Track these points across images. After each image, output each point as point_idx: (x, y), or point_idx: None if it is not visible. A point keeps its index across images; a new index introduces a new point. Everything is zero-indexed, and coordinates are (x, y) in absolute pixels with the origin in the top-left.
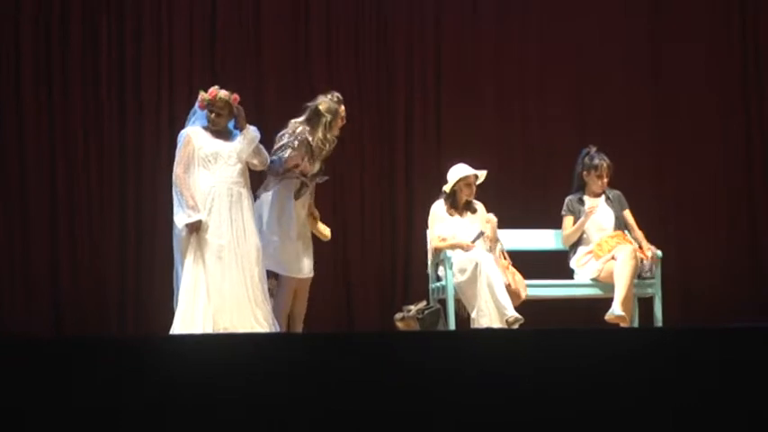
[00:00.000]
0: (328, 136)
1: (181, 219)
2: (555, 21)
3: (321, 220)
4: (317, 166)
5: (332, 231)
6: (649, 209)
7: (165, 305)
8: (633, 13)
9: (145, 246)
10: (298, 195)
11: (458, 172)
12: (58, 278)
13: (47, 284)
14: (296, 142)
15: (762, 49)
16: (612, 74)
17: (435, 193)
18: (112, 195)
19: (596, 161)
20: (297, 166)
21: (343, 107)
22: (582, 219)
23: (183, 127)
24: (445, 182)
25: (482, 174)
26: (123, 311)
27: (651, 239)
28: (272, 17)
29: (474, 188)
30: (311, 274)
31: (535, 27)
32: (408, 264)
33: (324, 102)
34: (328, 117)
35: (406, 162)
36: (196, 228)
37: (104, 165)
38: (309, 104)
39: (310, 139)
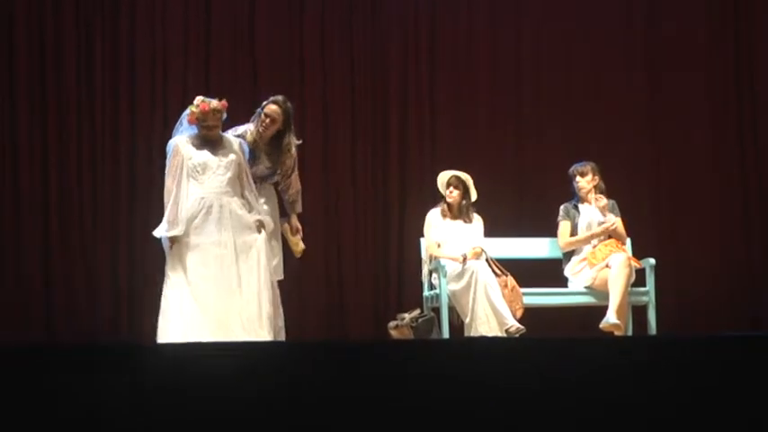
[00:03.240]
0: (254, 132)
1: (159, 230)
2: (552, 33)
3: (312, 229)
4: (261, 167)
5: (325, 240)
6: (645, 219)
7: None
8: (630, 28)
9: (137, 254)
10: None
11: (439, 177)
12: (52, 286)
13: (40, 293)
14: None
15: (756, 67)
16: (609, 84)
17: (429, 202)
18: (104, 204)
19: (572, 168)
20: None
21: (270, 106)
22: (586, 238)
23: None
24: (438, 190)
25: (465, 176)
26: (117, 318)
27: (647, 249)
28: (267, 25)
29: (455, 189)
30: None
31: (532, 38)
32: (402, 272)
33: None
34: (257, 113)
35: (400, 171)
36: (174, 241)
37: (97, 170)
38: None
39: (248, 136)
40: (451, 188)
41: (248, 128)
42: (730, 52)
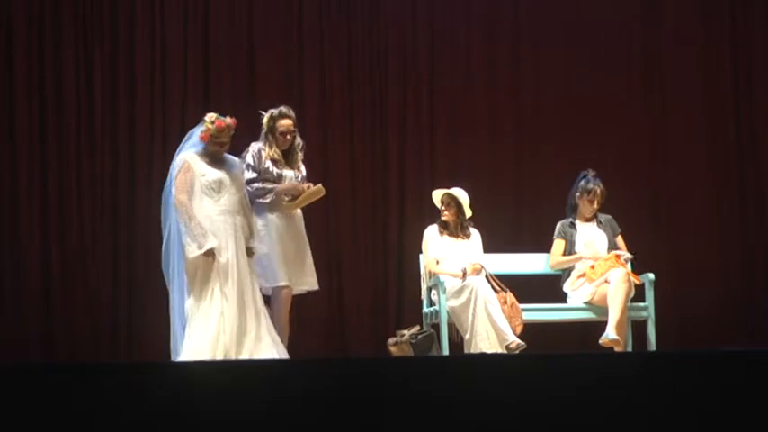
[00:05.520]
0: (274, 149)
1: (193, 250)
2: (549, 47)
3: (312, 245)
4: (289, 176)
5: (325, 256)
6: (644, 234)
7: (157, 330)
8: (627, 40)
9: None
10: (272, 207)
11: (433, 194)
12: (50, 304)
13: (38, 311)
14: (256, 160)
15: (754, 71)
16: (607, 100)
17: (428, 219)
18: (104, 218)
19: (591, 185)
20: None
21: (283, 120)
22: (575, 258)
23: (174, 144)
24: (437, 207)
25: (458, 193)
26: (116, 337)
27: (646, 264)
28: (266, 35)
29: (448, 208)
30: (288, 285)
31: (529, 52)
32: (401, 289)
33: (266, 116)
34: (266, 130)
35: (399, 187)
36: (212, 254)
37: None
38: None
39: (264, 154)
40: (444, 206)
41: (260, 145)
42: (729, 76)
